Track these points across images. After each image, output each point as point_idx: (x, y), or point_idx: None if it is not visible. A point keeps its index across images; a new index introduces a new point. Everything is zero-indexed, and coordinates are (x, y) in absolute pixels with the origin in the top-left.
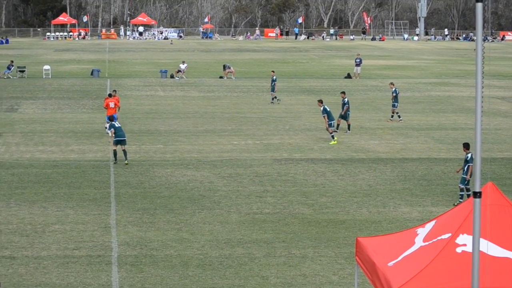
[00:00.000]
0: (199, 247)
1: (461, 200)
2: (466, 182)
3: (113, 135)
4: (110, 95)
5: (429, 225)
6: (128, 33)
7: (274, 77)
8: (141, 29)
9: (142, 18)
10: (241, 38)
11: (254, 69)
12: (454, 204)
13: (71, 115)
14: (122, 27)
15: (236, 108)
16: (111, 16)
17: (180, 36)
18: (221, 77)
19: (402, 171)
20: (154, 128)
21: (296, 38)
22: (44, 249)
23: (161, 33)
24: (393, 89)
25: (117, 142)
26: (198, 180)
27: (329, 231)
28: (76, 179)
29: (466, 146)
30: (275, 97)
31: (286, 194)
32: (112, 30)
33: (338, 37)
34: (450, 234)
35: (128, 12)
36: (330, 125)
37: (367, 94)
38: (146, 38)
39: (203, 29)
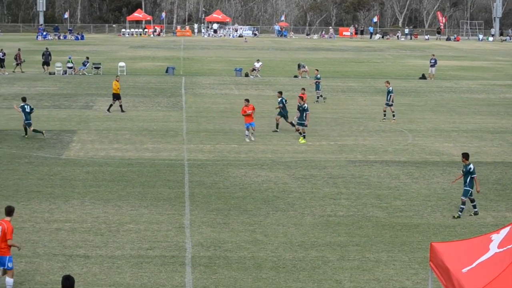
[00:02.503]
0: (272, 249)
1: (460, 213)
2: (469, 194)
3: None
4: None
5: (504, 231)
6: (202, 30)
7: (319, 75)
8: (215, 26)
9: (217, 15)
10: (315, 36)
11: (328, 68)
12: (453, 217)
13: (146, 113)
14: (196, 25)
15: (310, 108)
16: (186, 13)
17: (255, 34)
18: (295, 76)
19: (477, 175)
20: (229, 127)
21: (370, 37)
22: (118, 248)
23: (236, 30)
24: (389, 88)
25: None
26: (272, 181)
27: (403, 235)
28: (150, 178)
29: (466, 157)
30: (321, 95)
31: (360, 196)
32: (187, 27)
33: (412, 37)
34: None
35: (203, 9)
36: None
37: (442, 95)
38: (220, 36)
39: (279, 26)
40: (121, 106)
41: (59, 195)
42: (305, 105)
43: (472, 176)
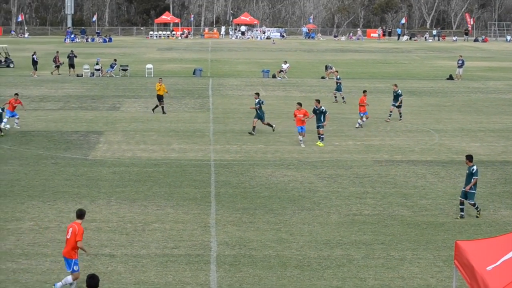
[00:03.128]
0: (298, 248)
1: (462, 213)
2: (468, 196)
3: None
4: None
5: None
6: (230, 32)
7: (338, 76)
8: (243, 28)
9: (244, 18)
10: (343, 38)
11: (356, 69)
12: (456, 218)
13: (173, 114)
14: (223, 27)
15: (338, 109)
16: (214, 15)
17: (283, 36)
18: (323, 78)
19: (503, 174)
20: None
21: (398, 38)
22: (144, 247)
23: (264, 32)
24: (397, 91)
25: None
26: (298, 180)
27: (428, 234)
28: (176, 178)
29: (469, 159)
30: (342, 97)
31: (386, 195)
32: (215, 30)
33: (440, 38)
34: None
35: (231, 11)
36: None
37: (469, 96)
38: (248, 38)
39: (307, 28)
40: (162, 107)
41: (85, 195)
42: (323, 107)
43: (474, 177)
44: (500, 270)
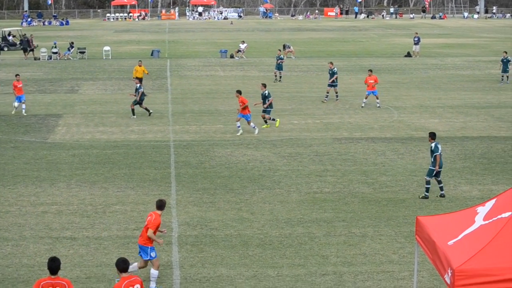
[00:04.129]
0: (259, 227)
1: (427, 193)
2: (433, 173)
3: None
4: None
5: (489, 204)
6: (187, 13)
7: (335, 69)
8: (200, 9)
9: None
10: (300, 17)
11: (313, 48)
12: (419, 197)
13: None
14: (177, 8)
15: (296, 88)
16: None
17: (240, 16)
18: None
19: (462, 150)
20: (214, 108)
21: (355, 17)
22: (105, 229)
23: (221, 13)
24: (333, 68)
25: None
26: (258, 159)
27: (389, 210)
28: (136, 160)
29: (431, 136)
30: (280, 76)
31: (346, 173)
32: (172, 11)
33: (398, 16)
34: (510, 213)
35: None
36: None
37: (427, 72)
38: (205, 18)
39: (264, 8)
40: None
41: (45, 178)
42: (266, 91)
43: (435, 154)
44: (462, 245)
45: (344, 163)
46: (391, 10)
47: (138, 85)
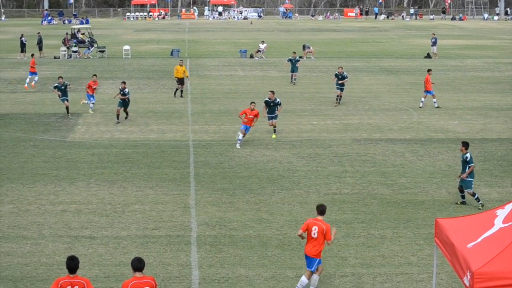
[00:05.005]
0: (278, 227)
1: (480, 202)
2: (464, 184)
3: None
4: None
5: (509, 207)
6: (207, 13)
7: (297, 58)
8: (220, 9)
9: None
10: (320, 18)
11: (333, 49)
12: (479, 209)
13: (150, 95)
14: (195, 8)
15: (316, 88)
16: None
17: (260, 16)
18: (300, 57)
19: (482, 152)
20: (234, 108)
21: (375, 17)
22: (124, 229)
23: (241, 12)
24: (343, 73)
25: None
26: (277, 160)
27: (408, 212)
28: (155, 159)
29: (465, 146)
30: (295, 78)
31: (365, 174)
32: (192, 10)
33: (417, 17)
34: None
35: None
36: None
37: (447, 74)
38: (225, 18)
39: (285, 8)
40: (181, 91)
41: (65, 177)
42: (277, 99)
43: (470, 165)
44: (481, 248)
45: (363, 164)
46: (411, 11)
47: (126, 90)
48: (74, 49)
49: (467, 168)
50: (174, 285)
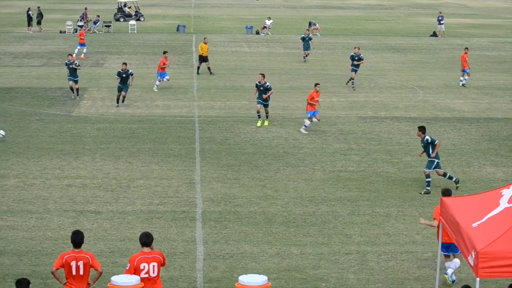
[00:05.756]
0: (283, 204)
1: (428, 188)
2: (434, 166)
3: None
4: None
5: None
6: None
7: (310, 35)
8: None
9: None
10: None
11: (339, 26)
12: (420, 193)
13: (156, 70)
14: None
15: (321, 65)
16: None
17: None
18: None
19: (487, 131)
20: (239, 85)
21: None
22: (129, 204)
23: None
24: (359, 54)
25: None
26: (282, 137)
27: (413, 190)
28: (161, 135)
29: (422, 130)
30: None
31: (371, 152)
32: None
33: None
34: None
35: None
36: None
37: (453, 52)
38: None
39: None
40: (209, 68)
41: (70, 151)
42: (267, 83)
43: (434, 144)
44: (486, 227)
45: (369, 142)
46: None
47: (130, 71)
48: (80, 23)
49: (432, 148)
50: (179, 261)
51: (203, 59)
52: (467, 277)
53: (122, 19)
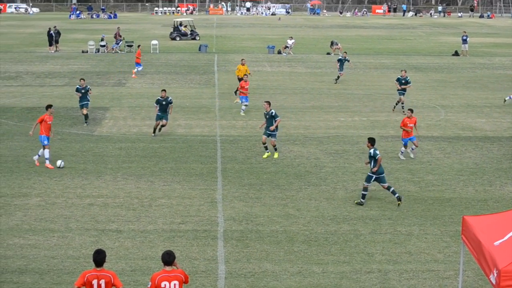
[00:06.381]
0: (305, 223)
1: (363, 200)
2: (372, 180)
3: None
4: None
5: None
6: (235, 8)
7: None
8: (248, 4)
9: None
10: (348, 14)
11: (361, 45)
12: (354, 202)
13: (178, 90)
14: (224, 3)
15: (343, 85)
16: None
17: (288, 12)
18: (328, 54)
19: (510, 150)
20: (261, 104)
21: (403, 15)
22: (151, 223)
23: (269, 8)
24: (406, 77)
25: None
26: (304, 156)
27: (435, 209)
28: (183, 154)
29: (371, 142)
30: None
31: (393, 171)
32: (220, 6)
33: (446, 14)
34: None
35: None
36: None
37: (475, 72)
38: (253, 14)
39: (311, 5)
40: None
41: (92, 171)
42: (272, 111)
43: (376, 158)
44: (508, 245)
45: (391, 161)
46: (439, 8)
47: (169, 98)
48: (102, 43)
49: (374, 162)
50: (200, 280)
51: (241, 80)
52: None
53: (178, 38)
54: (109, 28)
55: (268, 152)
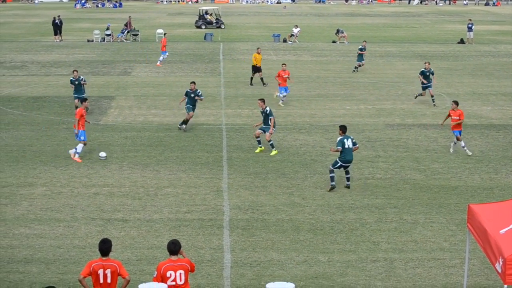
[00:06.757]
0: (310, 212)
1: (333, 183)
2: (338, 165)
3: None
4: None
5: None
6: None
7: (361, 47)
8: None
9: None
10: (354, 2)
11: (367, 33)
12: (327, 190)
13: (184, 78)
14: None
15: (349, 73)
16: None
17: (293, 0)
18: (333, 42)
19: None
20: (267, 92)
21: (409, 2)
22: (156, 212)
23: None
24: (430, 69)
25: None
26: (310, 144)
27: (441, 197)
28: (188, 143)
29: (342, 129)
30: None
31: (398, 159)
32: None
33: (451, 2)
34: None
35: None
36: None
37: (480, 60)
38: (258, 2)
39: None
40: (262, 78)
41: (98, 160)
42: (268, 108)
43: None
44: None
45: (396, 149)
46: None
47: (198, 90)
48: (107, 32)
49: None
50: (206, 269)
51: (256, 69)
52: (495, 284)
53: (203, 27)
54: (114, 17)
55: (261, 147)
